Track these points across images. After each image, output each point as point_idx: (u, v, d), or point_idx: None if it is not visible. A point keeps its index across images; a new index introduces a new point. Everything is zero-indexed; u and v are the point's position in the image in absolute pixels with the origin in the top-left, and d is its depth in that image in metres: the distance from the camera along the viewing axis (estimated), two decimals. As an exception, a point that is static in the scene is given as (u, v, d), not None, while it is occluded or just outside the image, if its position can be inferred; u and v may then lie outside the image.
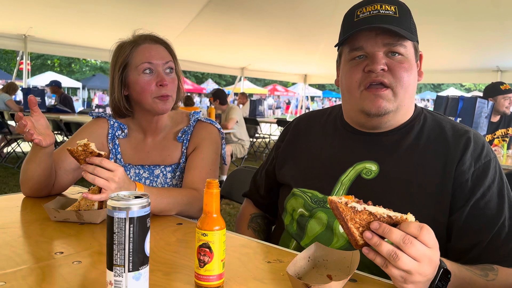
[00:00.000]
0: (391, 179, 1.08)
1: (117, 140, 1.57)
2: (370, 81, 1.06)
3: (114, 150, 1.56)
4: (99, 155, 1.16)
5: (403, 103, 1.08)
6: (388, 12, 1.05)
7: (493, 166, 1.04)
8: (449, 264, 0.86)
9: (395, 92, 1.06)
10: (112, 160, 1.55)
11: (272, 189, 1.36)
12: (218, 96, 6.40)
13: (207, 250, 0.81)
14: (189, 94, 15.64)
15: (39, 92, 7.87)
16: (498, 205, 1.01)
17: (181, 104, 1.67)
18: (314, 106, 24.53)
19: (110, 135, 1.57)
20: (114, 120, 1.59)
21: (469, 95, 5.16)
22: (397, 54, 1.06)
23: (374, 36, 1.05)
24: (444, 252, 0.86)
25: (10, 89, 8.16)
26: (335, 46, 1.14)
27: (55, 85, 8.65)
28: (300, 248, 1.11)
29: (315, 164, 1.20)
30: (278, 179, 1.30)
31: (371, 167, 1.11)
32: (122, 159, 1.56)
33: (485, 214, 1.00)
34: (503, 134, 4.31)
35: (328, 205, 1.10)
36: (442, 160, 1.05)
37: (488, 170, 1.03)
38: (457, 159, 1.04)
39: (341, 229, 1.09)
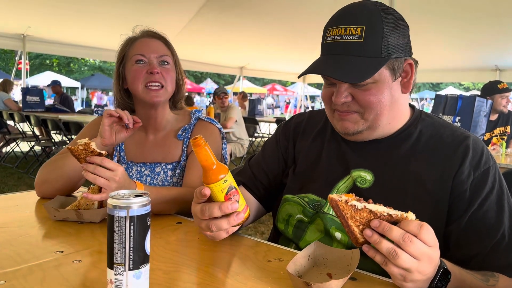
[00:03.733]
0: (386, 188, 1.05)
1: None
2: (337, 109, 1.06)
3: (118, 147, 1.58)
4: (99, 154, 1.16)
5: (377, 123, 1.04)
6: (351, 38, 0.97)
7: (492, 174, 1.01)
8: (450, 265, 0.85)
9: (364, 116, 1.04)
10: (116, 158, 1.56)
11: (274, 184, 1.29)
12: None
13: (234, 190, 0.89)
14: (187, 93, 15.62)
15: (37, 92, 7.85)
16: (497, 215, 0.98)
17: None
18: (318, 106, 24.45)
19: None
20: None
21: (468, 94, 5.17)
22: (362, 85, 1.00)
23: None
24: None
25: (6, 86, 8.07)
26: (298, 77, 1.06)
27: (57, 85, 8.66)
28: (299, 249, 1.10)
29: (312, 169, 1.18)
30: (283, 180, 1.26)
31: (366, 176, 1.09)
32: (125, 157, 1.56)
33: (483, 224, 0.97)
34: (501, 132, 4.32)
35: (325, 210, 1.10)
36: (440, 169, 1.02)
37: (487, 179, 1.00)
38: (455, 169, 1.01)
39: (338, 236, 1.07)
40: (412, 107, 1.16)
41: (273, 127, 11.57)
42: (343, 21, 0.99)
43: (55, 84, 8.72)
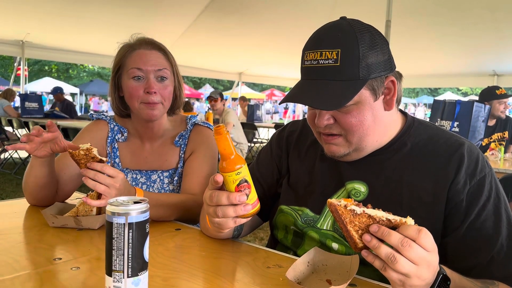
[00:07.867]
0: (380, 200, 1.04)
1: (116, 144, 1.57)
2: (320, 132, 1.05)
3: (112, 154, 1.56)
4: (100, 161, 1.16)
5: (363, 144, 1.03)
6: (327, 62, 0.95)
7: (488, 182, 0.99)
8: (449, 272, 0.85)
9: (348, 139, 1.03)
10: (109, 164, 1.54)
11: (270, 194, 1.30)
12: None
13: (246, 183, 0.89)
14: (187, 99, 15.66)
15: (36, 98, 7.86)
16: (495, 224, 0.96)
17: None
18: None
19: (109, 138, 1.56)
20: (114, 123, 1.59)
21: (466, 99, 5.19)
22: (343, 108, 0.98)
23: None
24: None
25: (8, 95, 8.16)
26: (279, 103, 1.09)
27: (59, 92, 8.73)
28: (298, 256, 1.10)
29: (307, 181, 1.17)
30: (277, 190, 1.26)
31: (360, 188, 1.08)
32: (120, 163, 1.55)
33: (481, 235, 0.96)
34: (500, 137, 4.34)
35: (317, 225, 1.10)
36: (435, 179, 1.01)
37: (483, 187, 0.98)
38: (451, 178, 0.99)
39: (335, 247, 1.08)
40: (404, 114, 1.14)
41: (272, 132, 11.54)
42: (318, 45, 0.98)
43: (56, 93, 8.78)
